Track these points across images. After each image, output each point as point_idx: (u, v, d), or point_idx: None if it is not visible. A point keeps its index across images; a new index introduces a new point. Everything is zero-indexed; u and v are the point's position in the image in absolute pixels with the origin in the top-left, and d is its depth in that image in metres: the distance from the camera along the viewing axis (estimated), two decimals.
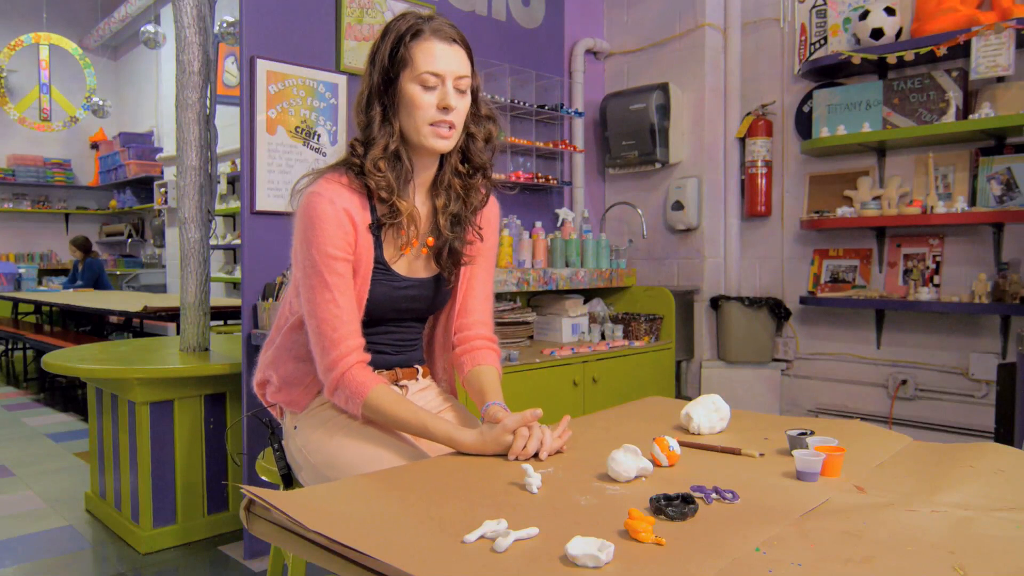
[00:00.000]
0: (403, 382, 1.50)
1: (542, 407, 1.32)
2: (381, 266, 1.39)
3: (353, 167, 1.35)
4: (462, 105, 1.36)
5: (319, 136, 2.67)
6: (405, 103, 1.34)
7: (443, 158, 1.43)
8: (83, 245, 7.04)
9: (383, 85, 1.35)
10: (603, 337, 3.17)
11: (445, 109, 1.33)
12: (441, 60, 1.32)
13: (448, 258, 1.46)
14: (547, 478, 1.10)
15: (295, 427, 1.44)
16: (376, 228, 1.37)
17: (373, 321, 1.43)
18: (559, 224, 3.25)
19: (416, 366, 1.54)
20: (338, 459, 1.33)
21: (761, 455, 1.23)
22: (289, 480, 1.51)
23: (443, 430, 1.27)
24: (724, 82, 3.72)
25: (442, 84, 1.33)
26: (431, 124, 1.33)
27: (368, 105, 1.36)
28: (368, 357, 1.36)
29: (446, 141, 1.36)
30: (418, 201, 1.43)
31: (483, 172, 1.46)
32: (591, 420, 1.54)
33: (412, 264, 1.44)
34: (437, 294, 1.50)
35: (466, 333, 1.53)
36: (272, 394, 1.47)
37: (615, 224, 3.95)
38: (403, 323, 1.49)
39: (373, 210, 1.37)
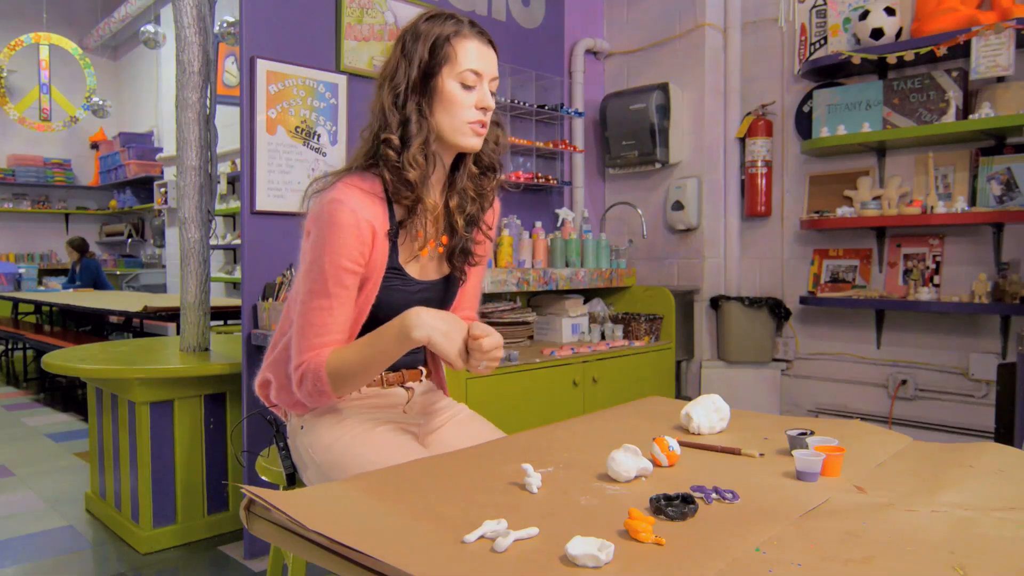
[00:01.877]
0: (409, 384, 1.50)
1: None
2: (396, 271, 1.38)
3: (388, 162, 1.33)
4: (493, 107, 1.38)
5: (319, 136, 2.67)
6: (443, 100, 1.34)
7: (457, 160, 1.43)
8: (79, 246, 7.04)
9: (421, 80, 1.34)
10: (603, 337, 3.17)
11: (484, 110, 1.35)
12: (481, 60, 1.35)
13: (460, 258, 1.47)
14: (547, 478, 1.10)
15: (301, 427, 1.44)
16: (394, 234, 1.36)
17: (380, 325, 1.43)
18: (559, 224, 3.25)
19: (420, 367, 1.54)
20: (345, 460, 1.33)
21: (761, 455, 1.23)
22: (294, 479, 1.51)
23: (397, 342, 1.28)
24: (724, 82, 3.72)
25: (480, 84, 1.35)
26: (470, 123, 1.34)
27: (405, 101, 1.34)
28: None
29: (480, 139, 1.37)
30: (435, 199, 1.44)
31: (493, 172, 1.47)
32: (591, 420, 1.54)
33: (425, 267, 1.44)
34: (446, 294, 1.50)
35: None
36: (275, 395, 1.47)
37: (615, 224, 3.95)
38: None
39: (391, 215, 1.36)
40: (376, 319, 1.38)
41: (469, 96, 1.34)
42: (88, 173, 9.11)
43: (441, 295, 1.49)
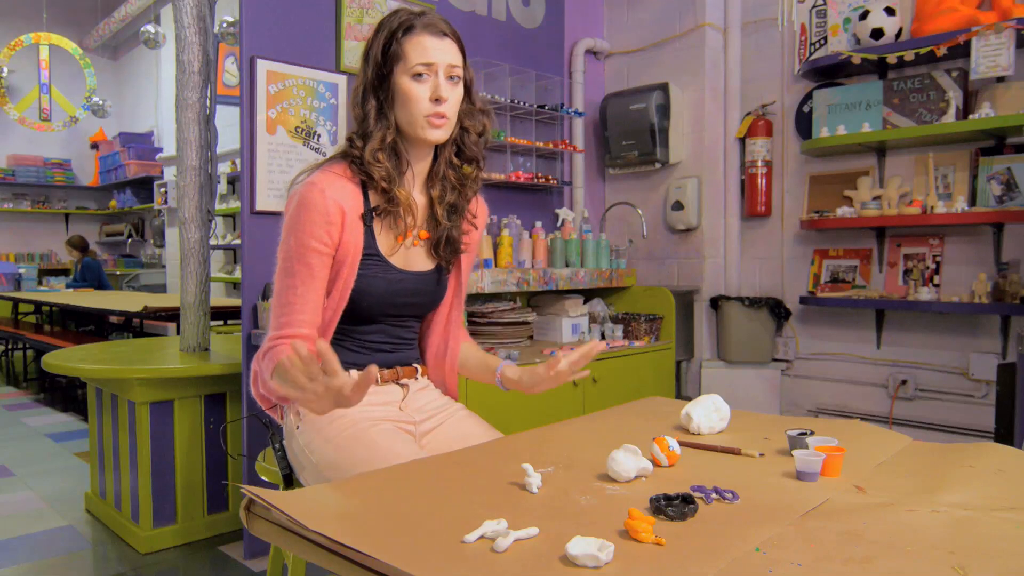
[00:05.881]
0: (404, 381, 1.50)
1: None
2: (376, 257, 1.40)
3: (353, 158, 1.38)
4: (454, 96, 1.39)
5: (319, 136, 2.67)
6: (399, 97, 1.37)
7: (437, 150, 1.46)
8: (79, 244, 7.03)
9: (377, 80, 1.38)
10: (603, 337, 3.17)
11: (437, 100, 1.36)
12: (432, 52, 1.35)
13: (447, 247, 1.48)
14: (547, 478, 1.09)
15: (297, 427, 1.44)
16: (369, 217, 1.38)
17: (370, 318, 1.44)
18: (559, 224, 3.25)
19: (415, 365, 1.54)
20: (341, 460, 1.33)
21: (761, 455, 1.23)
22: (290, 481, 1.51)
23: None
24: (724, 82, 3.72)
25: (434, 75, 1.36)
26: (425, 116, 1.36)
27: (364, 100, 1.39)
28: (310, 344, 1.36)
29: (440, 131, 1.38)
30: (414, 193, 1.45)
31: (476, 164, 1.49)
32: (591, 420, 1.54)
33: (409, 257, 1.45)
34: (436, 287, 1.51)
35: None
36: (260, 387, 1.46)
37: (615, 224, 3.95)
38: (401, 320, 1.49)
39: (367, 200, 1.39)
40: (359, 306, 1.40)
41: (422, 89, 1.35)
42: (88, 173, 9.10)
43: (431, 288, 1.50)
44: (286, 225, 1.35)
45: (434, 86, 1.35)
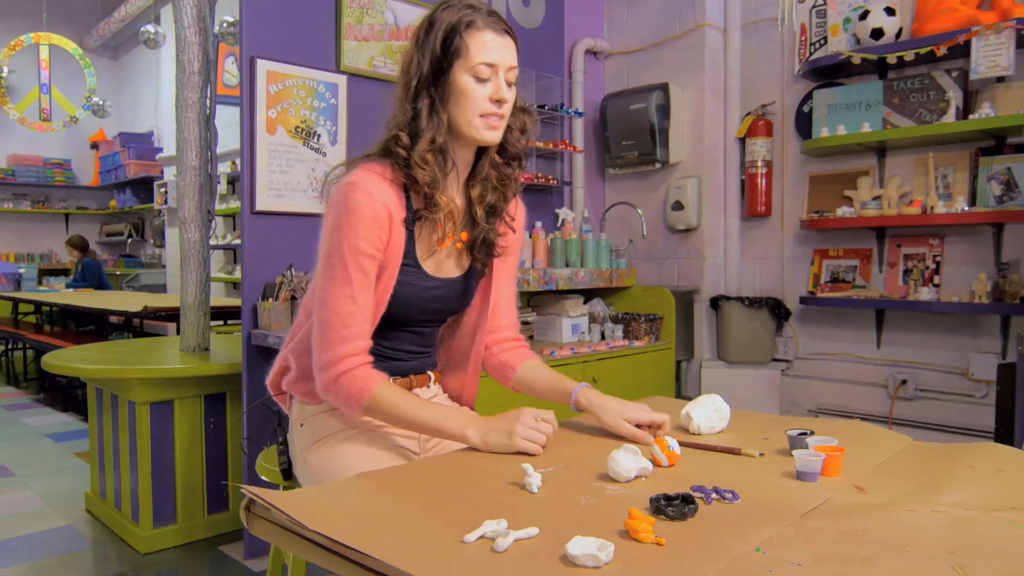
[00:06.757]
0: (416, 390, 1.47)
1: (542, 407, 1.33)
2: (411, 263, 1.35)
3: (398, 159, 1.31)
4: (511, 97, 1.34)
5: (319, 136, 2.67)
6: (456, 95, 1.30)
7: (481, 150, 1.40)
8: (79, 244, 7.02)
9: (433, 76, 1.31)
10: (603, 337, 3.17)
11: (498, 102, 1.31)
12: (495, 51, 1.30)
13: (482, 249, 1.43)
14: (547, 478, 1.09)
15: (302, 424, 1.43)
16: (411, 223, 1.34)
17: (394, 324, 1.40)
18: (559, 224, 3.25)
19: (428, 372, 1.51)
20: (332, 471, 1.32)
21: (761, 455, 1.23)
22: (289, 474, 1.51)
23: (456, 429, 1.27)
24: (724, 82, 3.72)
25: (495, 75, 1.30)
26: (482, 116, 1.31)
27: (416, 96, 1.32)
28: (371, 359, 1.33)
29: (496, 132, 1.33)
30: (454, 195, 1.40)
31: (519, 162, 1.43)
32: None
33: (442, 263, 1.41)
34: (465, 293, 1.47)
35: (499, 335, 1.53)
36: (289, 383, 1.44)
37: (615, 224, 3.95)
38: (425, 325, 1.46)
39: (408, 204, 1.33)
40: (389, 313, 1.35)
41: (483, 89, 1.30)
42: (88, 173, 9.11)
43: (458, 294, 1.45)
44: (331, 228, 1.28)
45: (495, 87, 1.30)
